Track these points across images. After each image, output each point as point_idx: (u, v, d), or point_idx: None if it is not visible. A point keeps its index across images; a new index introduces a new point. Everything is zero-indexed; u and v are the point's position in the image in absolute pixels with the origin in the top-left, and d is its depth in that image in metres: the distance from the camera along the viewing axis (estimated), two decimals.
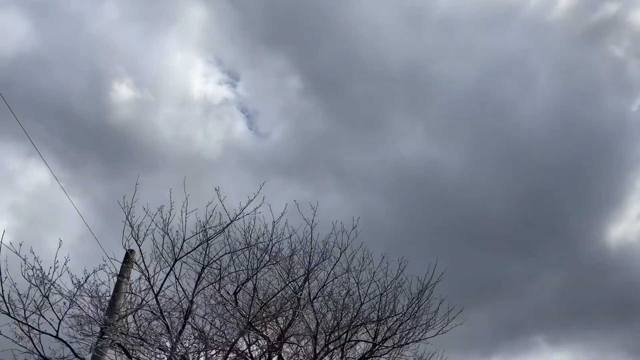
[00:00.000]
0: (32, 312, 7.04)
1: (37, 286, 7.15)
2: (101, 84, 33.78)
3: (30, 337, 7.12)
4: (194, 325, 8.63)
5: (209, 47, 42.40)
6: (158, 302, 8.14)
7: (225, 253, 8.62)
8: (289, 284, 9.01)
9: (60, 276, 7.30)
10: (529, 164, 36.18)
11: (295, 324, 9.53)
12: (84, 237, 10.68)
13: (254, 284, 8.88)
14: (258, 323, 8.86)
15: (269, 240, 8.77)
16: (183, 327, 8.24)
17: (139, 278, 8.30)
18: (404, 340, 9.91)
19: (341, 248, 9.26)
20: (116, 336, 7.83)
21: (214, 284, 8.87)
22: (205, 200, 8.38)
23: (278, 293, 9.02)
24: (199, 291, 8.55)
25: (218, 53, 43.36)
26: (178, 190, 8.30)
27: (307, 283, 9.15)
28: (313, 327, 9.52)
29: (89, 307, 8.01)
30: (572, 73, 40.13)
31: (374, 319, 9.65)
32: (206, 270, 8.62)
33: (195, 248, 8.33)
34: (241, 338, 9.04)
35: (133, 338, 8.20)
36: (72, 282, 7.57)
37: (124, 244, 8.10)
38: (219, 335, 8.89)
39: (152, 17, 39.02)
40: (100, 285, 7.98)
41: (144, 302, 8.26)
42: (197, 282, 8.46)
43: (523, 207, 33.85)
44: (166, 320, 8.15)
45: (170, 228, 8.24)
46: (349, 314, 9.55)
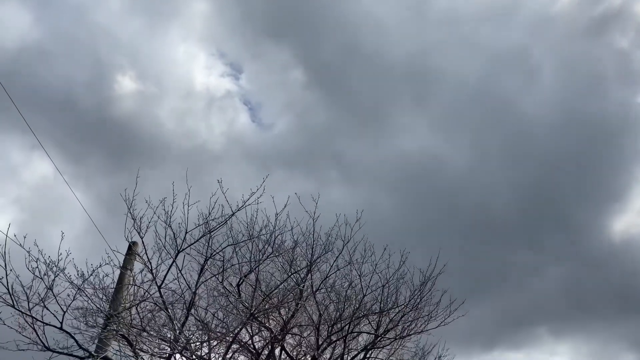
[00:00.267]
0: (36, 304, 7.06)
1: (41, 278, 7.17)
2: (104, 77, 33.81)
3: (34, 328, 7.16)
4: (197, 316, 8.67)
5: (212, 40, 42.33)
6: (161, 294, 8.18)
7: (227, 245, 8.65)
8: (291, 276, 9.04)
9: (64, 269, 7.33)
10: (533, 157, 36.10)
11: (298, 316, 9.56)
12: (88, 230, 10.74)
13: (256, 276, 8.91)
14: (260, 314, 8.89)
15: (272, 232, 8.80)
16: (186, 319, 8.28)
17: (142, 270, 8.33)
18: (406, 331, 9.95)
19: (344, 240, 9.28)
20: (120, 327, 7.87)
21: (217, 276, 8.91)
22: (208, 192, 8.40)
23: (280, 285, 9.05)
24: (202, 283, 8.59)
25: (221, 45, 43.28)
26: (181, 182, 8.31)
27: (310, 275, 9.17)
28: (316, 319, 9.55)
29: (93, 299, 8.05)
30: (576, 66, 39.88)
31: (376, 311, 9.67)
32: (209, 262, 8.65)
33: (197, 240, 8.35)
34: (244, 329, 9.07)
35: (136, 329, 8.23)
36: (76, 275, 7.60)
37: (127, 236, 8.14)
38: (222, 326, 8.93)
39: (155, 9, 38.95)
40: (104, 277, 8.00)
41: (147, 294, 8.30)
42: (200, 274, 8.50)
43: (526, 200, 33.81)
44: (169, 311, 8.19)
45: (172, 220, 8.26)
46: (352, 306, 9.58)
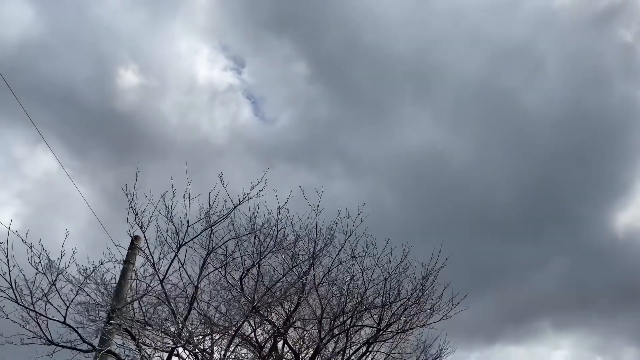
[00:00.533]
0: (39, 299, 7.10)
1: (44, 273, 7.20)
2: (107, 71, 33.81)
3: (37, 323, 7.20)
4: (200, 310, 8.70)
5: (214, 33, 42.24)
6: (163, 288, 8.20)
7: (229, 239, 8.65)
8: (293, 269, 9.06)
9: (68, 267, 7.36)
10: (536, 151, 35.98)
11: (300, 309, 9.59)
12: (92, 224, 10.77)
13: (258, 270, 8.92)
14: (263, 308, 8.91)
15: (274, 225, 8.81)
16: (188, 313, 8.31)
17: (144, 264, 8.36)
18: (408, 325, 9.96)
19: (346, 234, 9.28)
20: (123, 321, 7.90)
21: (219, 270, 8.93)
22: (211, 186, 8.39)
23: (282, 278, 9.07)
24: (204, 276, 8.61)
25: (223, 39, 43.20)
26: (183, 176, 8.31)
27: (312, 269, 9.18)
28: (318, 312, 9.57)
29: (96, 294, 8.08)
30: (580, 60, 39.65)
31: (379, 305, 9.68)
32: (211, 256, 8.66)
33: (199, 234, 8.36)
34: (246, 323, 9.10)
35: (139, 323, 8.27)
36: (79, 271, 7.63)
37: (128, 231, 8.15)
38: (225, 320, 8.96)
39: (157, 3, 38.87)
40: (106, 272, 8.04)
41: (150, 288, 8.33)
42: (202, 268, 8.51)
43: (529, 194, 33.75)
44: (171, 305, 8.22)
45: (174, 215, 8.27)
46: (354, 300, 9.60)
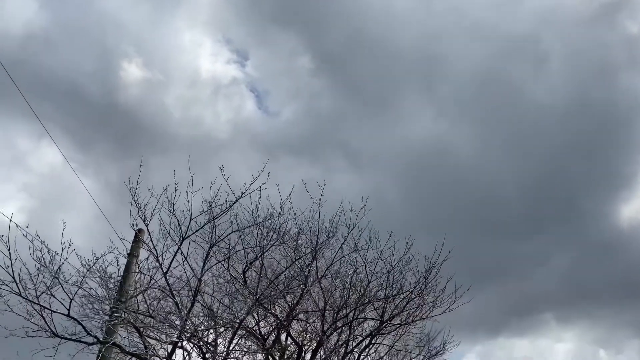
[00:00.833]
0: (42, 292, 7.12)
1: (46, 267, 7.22)
2: (110, 64, 33.80)
3: (42, 316, 7.23)
4: (203, 303, 8.72)
5: (218, 26, 42.13)
6: (167, 281, 8.23)
7: (232, 232, 8.66)
8: (296, 262, 9.07)
9: (66, 258, 7.35)
10: (541, 145, 35.84)
11: (303, 302, 9.61)
12: (97, 217, 10.80)
13: (261, 263, 8.94)
14: (266, 301, 8.93)
15: (277, 218, 8.81)
16: (192, 305, 8.33)
17: (147, 257, 8.38)
18: (411, 318, 9.98)
19: (349, 227, 9.28)
20: (128, 314, 7.93)
21: (222, 263, 8.95)
22: (213, 180, 8.39)
23: (285, 271, 9.08)
24: (207, 269, 8.63)
25: (227, 32, 43.07)
26: (186, 170, 8.31)
27: (315, 262, 9.19)
28: (321, 305, 9.59)
29: (100, 288, 8.10)
30: (585, 53, 39.37)
31: (381, 297, 9.70)
32: (214, 249, 8.68)
33: (201, 227, 8.37)
34: (250, 315, 9.13)
35: (143, 315, 8.30)
36: (82, 264, 7.64)
37: (132, 224, 8.18)
38: (228, 312, 8.98)
39: None
40: (109, 265, 8.05)
41: (153, 281, 8.35)
42: (205, 261, 8.53)
43: (534, 187, 33.65)
44: (175, 298, 8.25)
45: (177, 208, 8.28)
46: (357, 292, 9.61)
